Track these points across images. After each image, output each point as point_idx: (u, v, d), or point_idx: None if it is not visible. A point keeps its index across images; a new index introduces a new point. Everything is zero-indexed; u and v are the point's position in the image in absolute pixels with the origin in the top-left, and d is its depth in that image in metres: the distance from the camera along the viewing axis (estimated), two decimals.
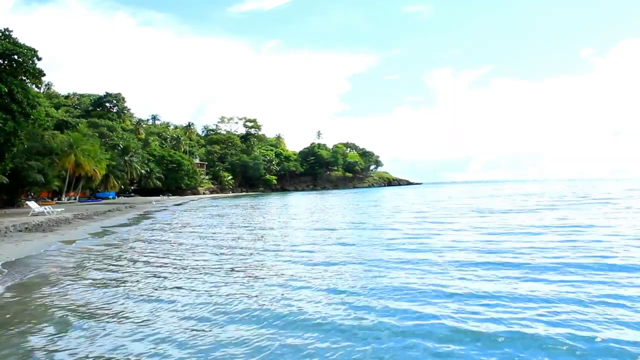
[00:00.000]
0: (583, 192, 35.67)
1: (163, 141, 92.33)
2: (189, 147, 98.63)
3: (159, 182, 73.64)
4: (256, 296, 5.85)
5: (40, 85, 43.61)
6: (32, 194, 35.27)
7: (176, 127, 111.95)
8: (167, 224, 19.18)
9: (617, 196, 26.72)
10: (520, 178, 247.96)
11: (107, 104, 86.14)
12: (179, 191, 78.83)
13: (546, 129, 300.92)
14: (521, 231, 11.38)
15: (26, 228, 15.73)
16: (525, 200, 27.60)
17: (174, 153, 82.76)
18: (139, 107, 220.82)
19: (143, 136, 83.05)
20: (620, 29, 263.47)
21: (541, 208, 19.39)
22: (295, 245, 10.47)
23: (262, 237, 12.62)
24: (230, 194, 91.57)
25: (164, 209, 34.45)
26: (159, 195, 69.06)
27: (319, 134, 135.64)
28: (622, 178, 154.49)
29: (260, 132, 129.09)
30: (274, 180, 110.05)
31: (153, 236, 14.82)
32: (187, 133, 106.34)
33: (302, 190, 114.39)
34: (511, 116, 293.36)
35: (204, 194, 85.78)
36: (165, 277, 7.61)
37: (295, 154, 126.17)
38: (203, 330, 4.65)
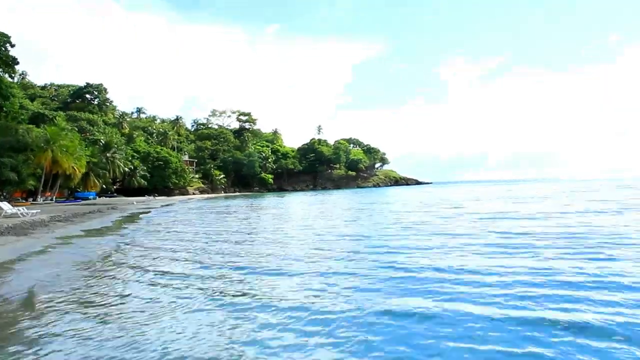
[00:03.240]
0: None
1: (149, 136, 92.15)
2: (177, 142, 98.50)
3: (144, 181, 73.44)
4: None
5: (13, 75, 43.41)
6: (5, 193, 34.99)
7: (163, 121, 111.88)
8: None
9: None
10: (540, 176, 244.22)
11: (88, 96, 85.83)
12: (166, 191, 78.62)
13: (569, 124, 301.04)
14: None
15: None
16: None
17: (161, 149, 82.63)
18: (123, 99, 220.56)
19: (127, 131, 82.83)
20: None
21: None
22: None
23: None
24: (222, 194, 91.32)
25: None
26: (144, 196, 68.78)
27: (319, 128, 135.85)
28: None
29: (255, 127, 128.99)
30: (270, 180, 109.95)
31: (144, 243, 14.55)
32: (175, 127, 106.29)
33: (301, 190, 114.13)
34: (530, 109, 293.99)
35: (193, 194, 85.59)
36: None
37: (293, 151, 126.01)
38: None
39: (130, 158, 71.84)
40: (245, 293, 6.81)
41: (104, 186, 62.87)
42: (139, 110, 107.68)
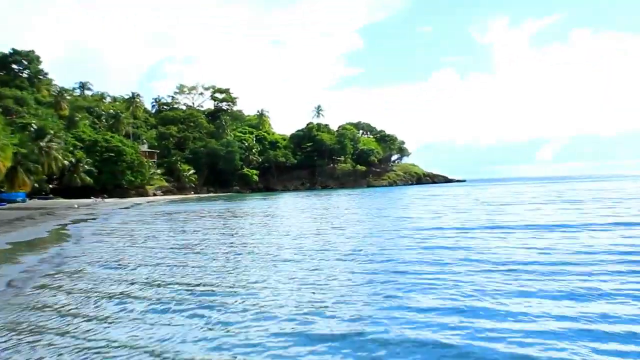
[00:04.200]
0: None
1: (96, 120, 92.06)
2: (134, 128, 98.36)
3: (89, 179, 73.39)
4: None
5: None
6: None
7: (115, 100, 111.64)
8: None
9: None
10: (616, 172, 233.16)
11: (15, 66, 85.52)
12: (118, 191, 78.60)
13: None
14: None
15: None
16: None
17: (112, 137, 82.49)
18: (62, 71, 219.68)
19: (67, 112, 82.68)
20: None
21: None
22: None
23: None
24: (192, 195, 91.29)
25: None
26: (90, 197, 68.67)
27: (318, 110, 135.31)
28: None
29: (235, 108, 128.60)
30: (255, 176, 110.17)
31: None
32: (131, 108, 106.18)
33: (295, 189, 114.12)
34: (598, 83, 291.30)
35: (154, 195, 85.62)
36: None
37: (285, 139, 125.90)
38: None
39: (71, 148, 71.60)
40: None
41: (36, 185, 62.58)
42: (82, 86, 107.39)
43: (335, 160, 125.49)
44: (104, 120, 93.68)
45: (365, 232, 20.01)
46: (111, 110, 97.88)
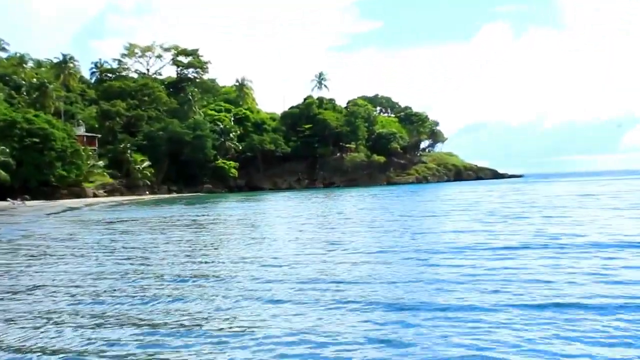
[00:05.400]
0: None
1: (14, 92, 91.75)
2: (66, 104, 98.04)
3: (4, 173, 73.04)
4: None
5: None
6: None
7: (40, 65, 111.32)
8: None
9: None
10: None
11: None
12: (45, 190, 78.60)
13: None
14: None
15: None
16: None
17: (36, 116, 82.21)
18: None
19: None
20: None
21: None
22: None
23: None
24: (147, 197, 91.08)
25: None
26: (5, 199, 68.61)
27: (320, 78, 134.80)
28: None
29: (206, 76, 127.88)
30: (233, 170, 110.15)
31: None
32: (62, 76, 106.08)
33: (289, 188, 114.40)
34: None
35: (94, 195, 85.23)
36: None
37: (274, 119, 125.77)
38: None
39: None
40: None
41: None
42: None
43: (343, 148, 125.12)
44: (24, 93, 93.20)
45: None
46: (35, 80, 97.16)
